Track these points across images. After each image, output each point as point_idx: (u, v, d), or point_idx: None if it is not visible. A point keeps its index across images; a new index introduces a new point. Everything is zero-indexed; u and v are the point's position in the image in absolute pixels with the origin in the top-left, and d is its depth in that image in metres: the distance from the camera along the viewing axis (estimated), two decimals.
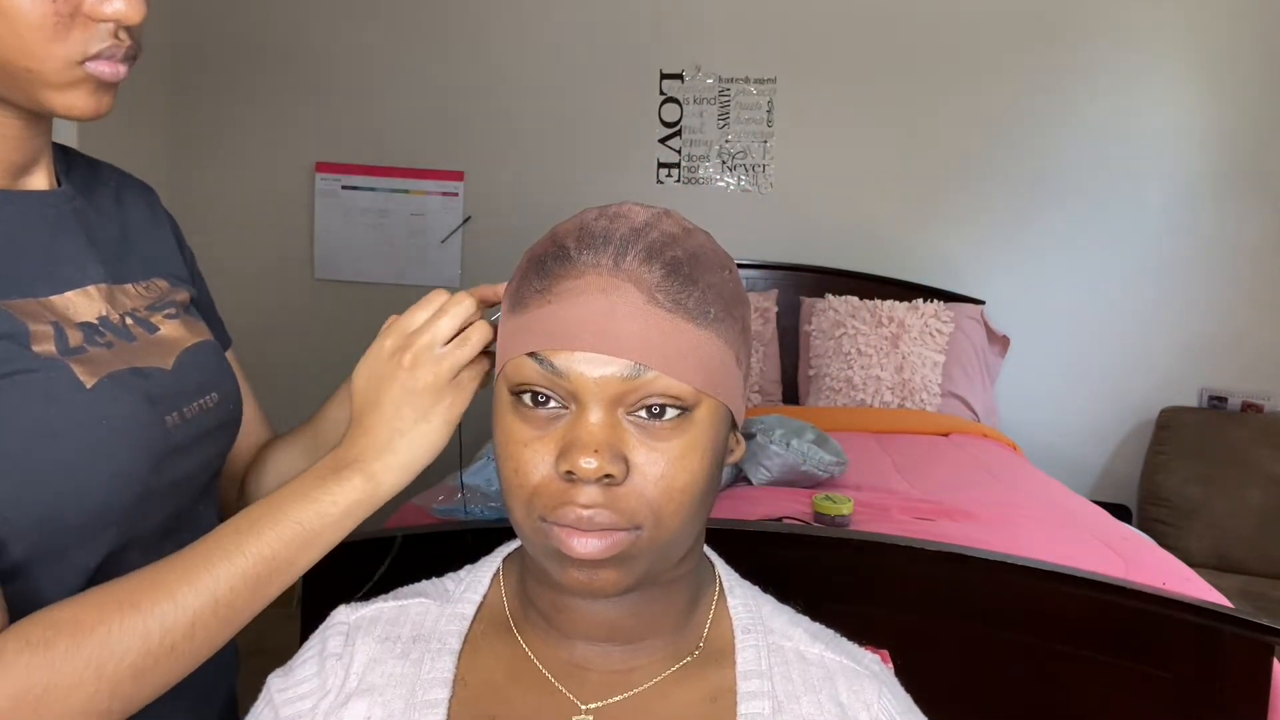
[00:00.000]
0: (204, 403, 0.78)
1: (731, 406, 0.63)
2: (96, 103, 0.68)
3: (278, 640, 3.38)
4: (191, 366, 0.79)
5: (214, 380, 0.81)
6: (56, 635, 0.59)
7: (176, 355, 0.78)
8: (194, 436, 0.76)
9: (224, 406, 0.82)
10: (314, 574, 1.65)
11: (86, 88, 0.67)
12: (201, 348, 0.81)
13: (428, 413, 0.71)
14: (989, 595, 1.45)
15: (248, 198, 3.58)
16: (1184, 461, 3.04)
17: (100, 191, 0.81)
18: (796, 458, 2.04)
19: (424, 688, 0.64)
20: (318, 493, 0.69)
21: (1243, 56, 3.15)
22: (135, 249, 0.81)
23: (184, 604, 0.63)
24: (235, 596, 0.65)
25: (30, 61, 0.64)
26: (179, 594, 0.63)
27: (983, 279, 3.32)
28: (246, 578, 0.65)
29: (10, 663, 0.57)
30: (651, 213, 0.64)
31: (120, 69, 0.68)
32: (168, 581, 0.63)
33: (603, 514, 0.57)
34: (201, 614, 0.63)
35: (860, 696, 0.66)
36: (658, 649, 0.66)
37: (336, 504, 0.69)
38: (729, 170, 3.44)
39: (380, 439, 0.71)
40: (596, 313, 0.58)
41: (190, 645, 0.63)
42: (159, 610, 0.62)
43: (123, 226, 0.81)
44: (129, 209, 0.84)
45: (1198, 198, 3.21)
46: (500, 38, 3.46)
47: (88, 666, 0.59)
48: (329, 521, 0.69)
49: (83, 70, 0.66)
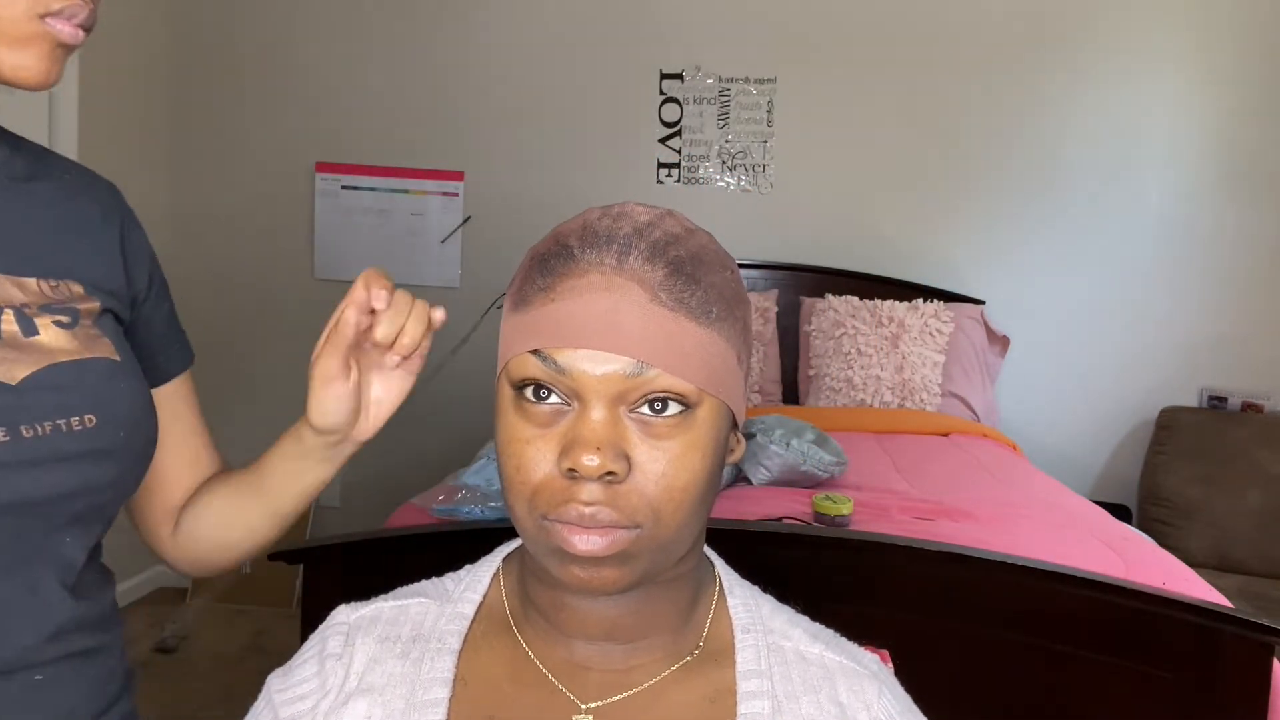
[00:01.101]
0: (65, 425, 0.68)
1: (732, 406, 0.63)
2: (48, 67, 0.64)
3: (277, 640, 3.38)
4: (47, 386, 0.69)
5: (91, 403, 0.71)
6: None
7: (36, 370, 0.69)
8: (37, 458, 0.67)
9: (103, 432, 0.71)
10: (314, 574, 1.65)
11: (41, 48, 0.64)
12: (86, 365, 0.72)
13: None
14: (989, 595, 1.45)
15: (248, 198, 3.58)
16: (1184, 461, 3.04)
17: (40, 183, 0.75)
18: (796, 458, 2.04)
19: (424, 687, 0.64)
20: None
21: (1243, 58, 3.16)
22: (55, 245, 0.74)
23: None
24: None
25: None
26: None
27: (983, 279, 3.33)
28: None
29: None
30: (654, 212, 0.64)
31: (79, 34, 0.65)
32: None
33: (604, 511, 0.57)
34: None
35: (860, 696, 0.66)
36: (657, 648, 0.66)
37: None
38: (729, 170, 3.44)
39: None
40: (599, 311, 0.59)
41: None
42: None
43: (52, 221, 0.75)
44: (72, 206, 0.77)
45: (1198, 197, 3.21)
46: (500, 38, 3.46)
47: None
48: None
49: (41, 25, 0.63)
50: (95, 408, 0.71)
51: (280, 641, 3.01)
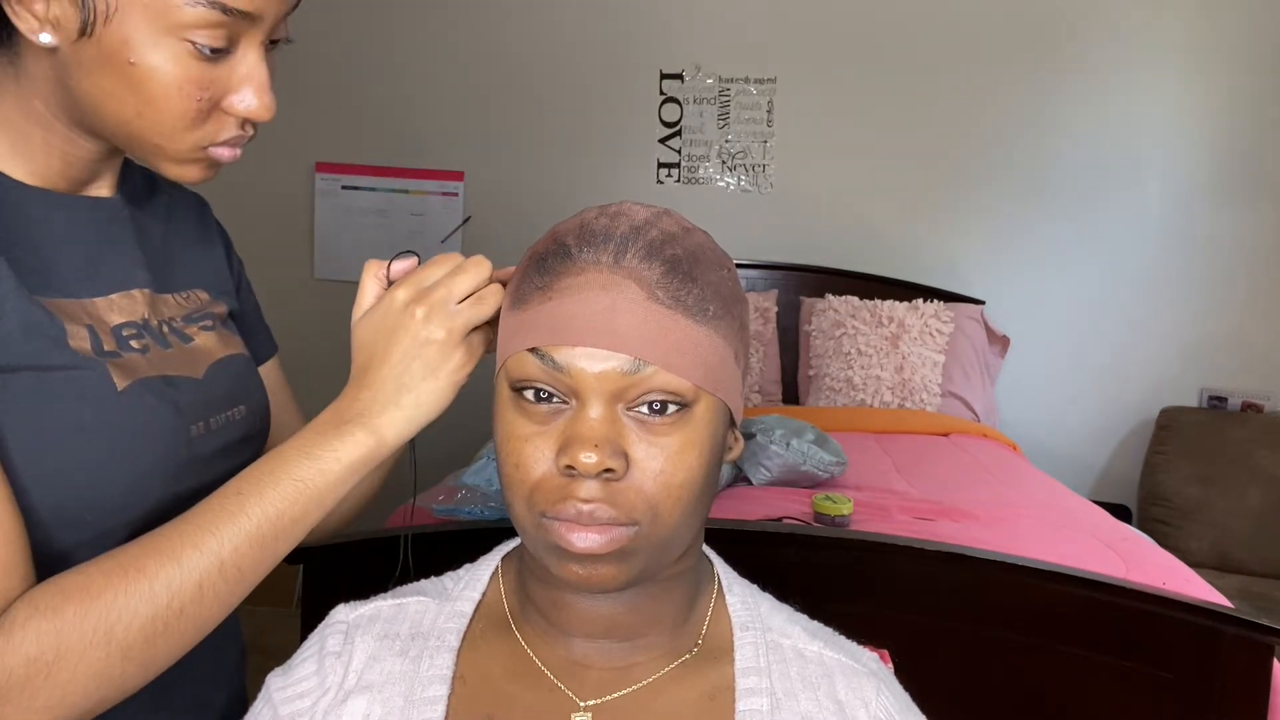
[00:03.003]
0: (231, 414, 0.79)
1: (730, 404, 0.63)
2: (205, 176, 0.72)
3: (277, 639, 3.38)
4: (221, 378, 0.79)
5: (242, 393, 0.82)
6: (65, 601, 0.59)
7: (207, 366, 0.78)
8: (218, 448, 0.77)
9: (250, 419, 0.82)
10: (314, 574, 1.65)
11: (202, 165, 0.71)
12: (232, 361, 0.82)
13: (436, 369, 0.69)
14: (989, 595, 1.45)
15: (247, 197, 3.58)
16: (1184, 461, 3.04)
17: (154, 202, 0.82)
18: (796, 458, 2.04)
19: (423, 685, 0.64)
20: (319, 450, 0.67)
21: (1242, 58, 3.15)
22: (180, 259, 0.83)
23: (189, 566, 0.62)
24: (241, 558, 0.65)
25: (162, 140, 0.67)
26: (184, 557, 0.63)
27: (983, 279, 3.32)
28: (251, 538, 0.65)
29: (21, 627, 0.58)
30: (651, 211, 0.64)
31: (236, 154, 0.72)
32: (172, 545, 0.63)
33: (602, 509, 0.57)
34: (208, 576, 0.63)
35: (859, 694, 0.66)
36: (656, 646, 0.66)
37: (339, 460, 0.67)
38: (729, 170, 3.44)
39: (385, 393, 0.69)
40: (597, 309, 0.59)
41: (199, 608, 0.63)
42: (164, 574, 0.62)
43: (171, 237, 0.83)
44: (179, 221, 0.85)
45: (1197, 198, 3.21)
46: (500, 38, 3.46)
47: (96, 631, 0.59)
48: (332, 478, 0.67)
49: (203, 153, 0.70)
50: (245, 398, 0.81)
51: (280, 641, 3.00)
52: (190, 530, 0.64)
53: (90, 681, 0.59)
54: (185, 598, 0.62)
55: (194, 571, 0.63)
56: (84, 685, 0.59)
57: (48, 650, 0.58)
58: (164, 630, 0.62)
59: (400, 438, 0.70)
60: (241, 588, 0.66)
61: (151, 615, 0.61)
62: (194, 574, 0.63)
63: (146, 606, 0.61)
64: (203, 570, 0.63)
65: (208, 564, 0.63)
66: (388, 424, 0.69)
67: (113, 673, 0.60)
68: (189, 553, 0.63)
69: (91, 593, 0.60)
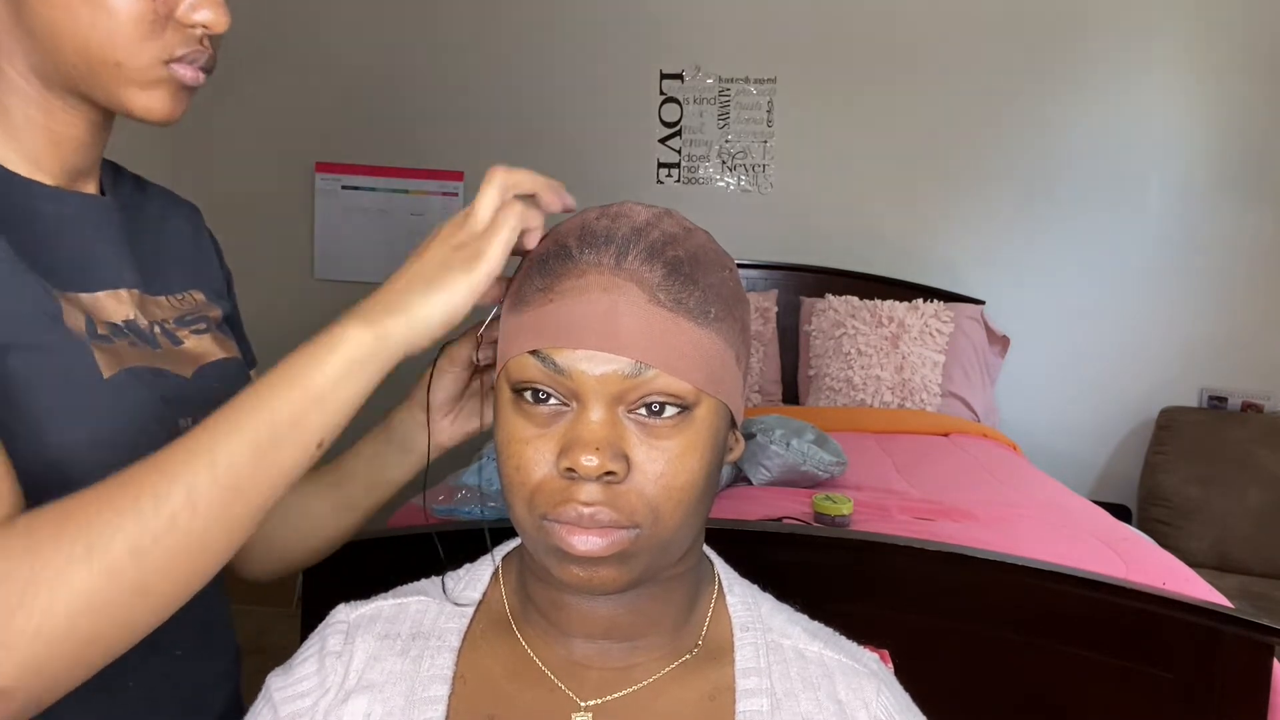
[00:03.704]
0: None
1: (731, 405, 0.63)
2: (173, 105, 0.71)
3: (277, 639, 3.37)
4: (213, 379, 0.79)
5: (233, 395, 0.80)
6: (39, 521, 0.55)
7: (197, 368, 0.78)
8: None
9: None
10: (314, 573, 1.65)
11: (167, 89, 0.70)
12: (225, 364, 0.82)
13: (455, 278, 0.65)
14: (989, 595, 1.45)
15: (247, 197, 3.58)
16: (1184, 461, 3.04)
17: (146, 208, 0.83)
18: (796, 458, 2.04)
19: (423, 684, 0.64)
20: (317, 348, 0.63)
21: (1242, 58, 3.15)
22: (174, 263, 0.82)
23: (175, 474, 0.57)
24: (235, 463, 0.59)
25: (120, 55, 0.67)
26: (169, 466, 0.57)
27: (983, 279, 3.32)
28: (246, 443, 0.59)
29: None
30: (652, 212, 0.64)
31: (200, 76, 0.72)
32: (158, 458, 0.58)
33: (603, 512, 0.57)
34: (198, 482, 0.57)
35: (859, 694, 0.66)
36: (657, 646, 0.66)
37: (338, 355, 0.63)
38: (729, 170, 3.44)
39: (396, 293, 0.65)
40: (598, 311, 0.59)
41: (191, 520, 0.57)
42: (149, 483, 0.56)
43: (163, 241, 0.83)
44: (172, 226, 0.85)
45: (1197, 198, 3.21)
46: (500, 38, 3.46)
47: (74, 546, 0.54)
48: (330, 375, 0.62)
49: (166, 71, 0.69)
50: None
51: (280, 641, 3.00)
52: (180, 442, 0.59)
53: (74, 604, 0.53)
54: (173, 505, 0.56)
55: (181, 479, 0.57)
56: (67, 609, 0.53)
57: (19, 568, 0.52)
58: (153, 545, 0.55)
59: (404, 341, 0.64)
60: (241, 502, 0.59)
61: (137, 528, 0.55)
62: (181, 482, 0.57)
63: (130, 519, 0.55)
64: (191, 476, 0.57)
65: (196, 469, 0.57)
66: (391, 323, 0.64)
67: (101, 597, 0.54)
68: (176, 460, 0.58)
69: (68, 510, 0.55)
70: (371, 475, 0.86)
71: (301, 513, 0.87)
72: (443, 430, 0.83)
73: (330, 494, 0.87)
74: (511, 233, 0.66)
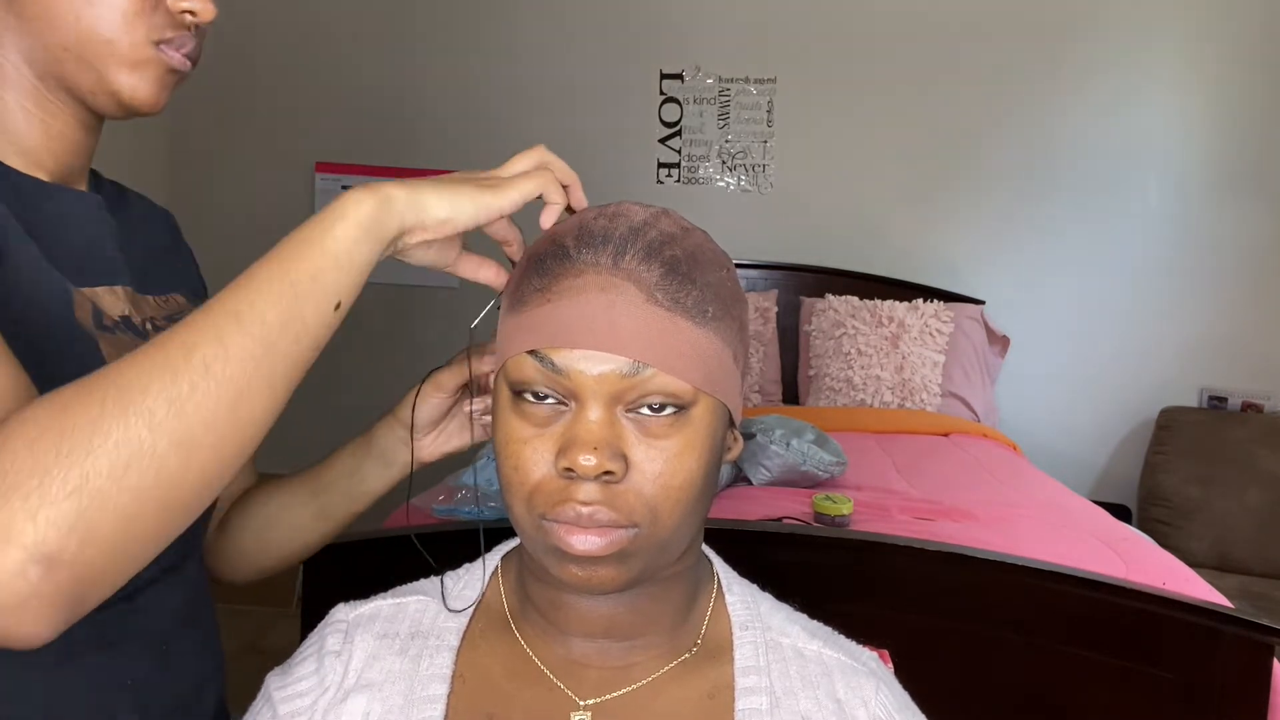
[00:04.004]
0: None
1: (729, 404, 0.63)
2: (158, 91, 0.72)
3: (276, 639, 3.37)
4: None
5: None
6: (68, 390, 0.52)
7: None
8: None
9: None
10: (314, 573, 1.65)
11: (154, 71, 0.71)
12: None
13: (469, 190, 0.67)
14: (989, 595, 1.45)
15: (248, 198, 3.58)
16: (1184, 461, 3.04)
17: (127, 210, 0.84)
18: (796, 458, 2.04)
19: (423, 683, 0.64)
20: (329, 218, 0.63)
21: (1242, 57, 3.15)
22: (157, 265, 0.83)
23: (202, 325, 0.56)
24: (260, 315, 0.57)
25: (110, 33, 0.68)
26: (194, 320, 0.56)
27: (983, 279, 3.32)
28: (268, 294, 0.58)
29: (18, 417, 0.51)
30: (650, 212, 0.64)
31: (186, 63, 0.73)
32: (178, 325, 0.56)
33: (602, 511, 0.57)
34: (224, 332, 0.55)
35: (858, 693, 0.66)
36: (656, 645, 0.66)
37: (348, 219, 0.62)
38: (729, 170, 3.44)
39: (405, 182, 0.66)
40: (596, 311, 0.59)
41: (225, 366, 0.55)
42: (174, 340, 0.55)
43: (148, 242, 0.84)
44: (153, 229, 0.87)
45: (1197, 197, 3.21)
46: (500, 37, 3.47)
47: (105, 402, 0.51)
48: (344, 238, 0.61)
49: (154, 51, 0.70)
50: None
51: (279, 641, 3.00)
52: (198, 309, 0.58)
53: (116, 458, 0.50)
54: (204, 353, 0.54)
55: (207, 330, 0.55)
56: (109, 464, 0.50)
57: (50, 429, 0.50)
58: (190, 392, 0.53)
59: (403, 212, 0.64)
60: (272, 357, 0.57)
61: (170, 377, 0.53)
62: (208, 333, 0.55)
63: (161, 370, 0.53)
64: (217, 328, 0.55)
65: (221, 322, 0.56)
66: (393, 190, 0.64)
67: (142, 448, 0.51)
68: (198, 320, 0.56)
69: (94, 377, 0.53)
70: (351, 486, 0.87)
71: (281, 519, 0.89)
72: (424, 448, 0.84)
73: (310, 502, 0.88)
74: (536, 186, 0.69)
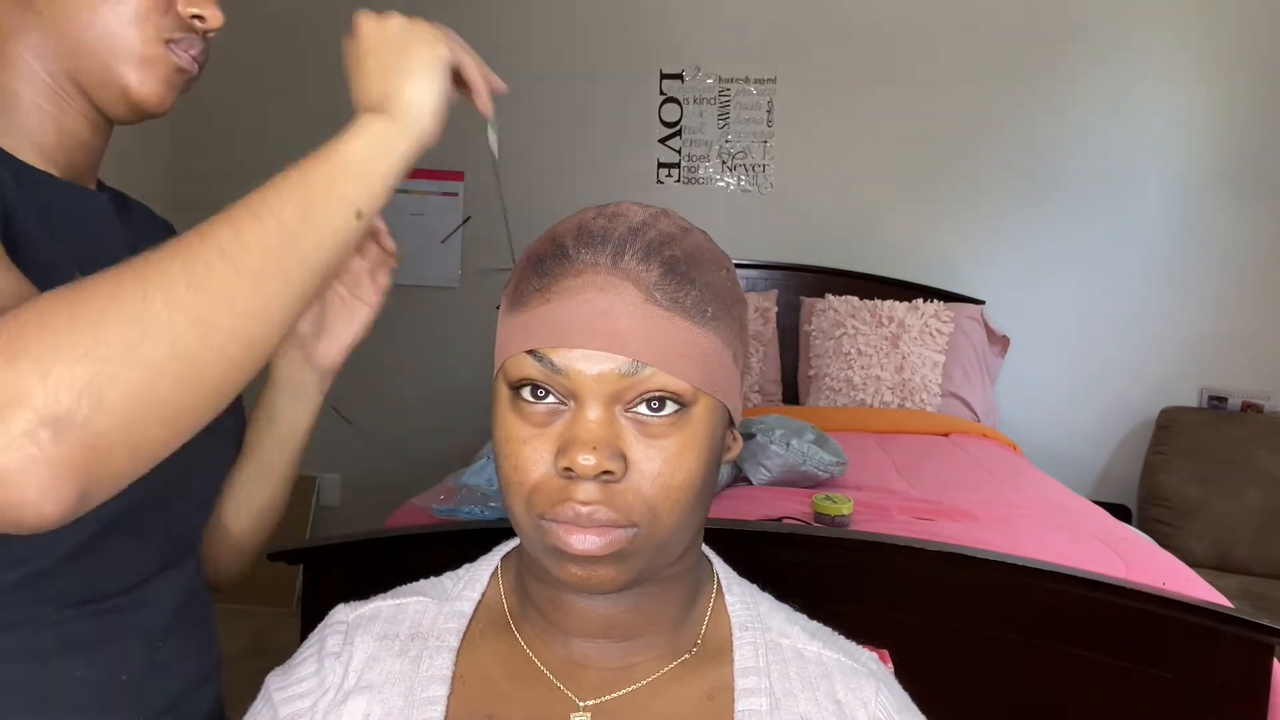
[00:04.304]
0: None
1: (729, 404, 0.63)
2: (166, 90, 0.73)
3: (277, 639, 3.37)
4: None
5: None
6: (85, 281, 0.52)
7: None
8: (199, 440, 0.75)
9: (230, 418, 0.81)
10: (314, 573, 1.65)
11: (162, 70, 0.73)
12: None
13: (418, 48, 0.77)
14: (989, 595, 1.45)
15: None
16: (1184, 461, 3.04)
17: (129, 215, 0.85)
18: (796, 458, 2.04)
19: (422, 684, 0.64)
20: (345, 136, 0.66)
21: (1243, 57, 3.15)
22: None
23: (219, 220, 0.56)
24: (278, 213, 0.58)
25: (121, 28, 0.70)
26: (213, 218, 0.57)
27: (983, 279, 3.32)
28: (284, 198, 0.59)
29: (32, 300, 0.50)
30: (649, 212, 0.64)
31: (194, 65, 0.75)
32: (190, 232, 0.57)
33: (601, 511, 0.57)
34: (241, 224, 0.56)
35: (858, 694, 0.66)
36: (655, 646, 0.66)
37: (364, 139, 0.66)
38: (729, 170, 3.44)
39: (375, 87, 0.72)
40: (595, 310, 0.59)
41: (243, 255, 0.55)
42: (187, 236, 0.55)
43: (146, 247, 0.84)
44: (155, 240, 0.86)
45: (1198, 197, 3.21)
46: (499, 37, 3.46)
47: (122, 283, 0.51)
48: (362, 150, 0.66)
49: (163, 50, 0.72)
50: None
51: (280, 641, 3.00)
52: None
53: (131, 328, 0.49)
54: (220, 239, 0.54)
55: (222, 223, 0.56)
56: (124, 335, 0.49)
57: (64, 304, 0.49)
58: (206, 272, 0.53)
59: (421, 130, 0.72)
60: (291, 252, 0.57)
61: (187, 257, 0.53)
62: (223, 224, 0.56)
63: (178, 254, 0.53)
64: (232, 222, 0.56)
65: (236, 218, 0.56)
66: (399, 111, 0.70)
67: (159, 321, 0.50)
68: (213, 220, 0.57)
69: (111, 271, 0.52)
70: (275, 431, 0.89)
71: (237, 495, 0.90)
72: (322, 355, 0.87)
73: (247, 467, 0.90)
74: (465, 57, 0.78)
